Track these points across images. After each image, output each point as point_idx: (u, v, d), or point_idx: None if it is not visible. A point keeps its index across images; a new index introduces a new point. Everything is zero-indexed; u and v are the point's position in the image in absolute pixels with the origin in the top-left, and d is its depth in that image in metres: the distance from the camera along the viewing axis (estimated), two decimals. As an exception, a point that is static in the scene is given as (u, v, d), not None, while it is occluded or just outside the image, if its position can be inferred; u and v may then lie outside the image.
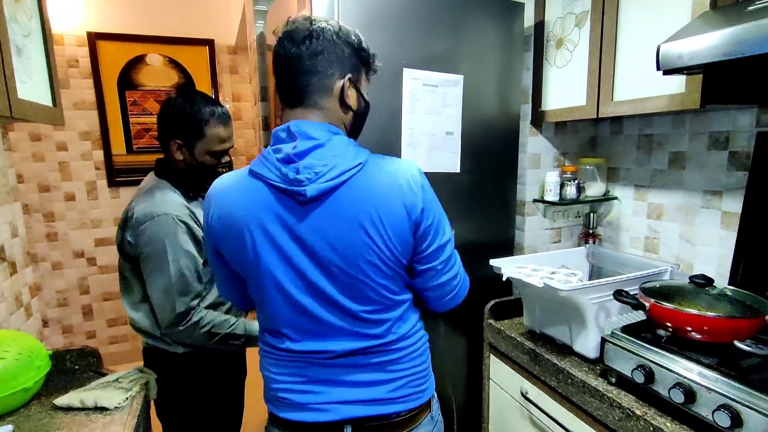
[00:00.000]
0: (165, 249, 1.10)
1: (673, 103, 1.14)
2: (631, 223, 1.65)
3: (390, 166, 0.83)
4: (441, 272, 0.89)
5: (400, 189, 0.80)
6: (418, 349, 0.92)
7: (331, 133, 0.82)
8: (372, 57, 0.90)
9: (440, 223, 0.86)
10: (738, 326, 0.93)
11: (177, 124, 1.16)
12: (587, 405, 1.10)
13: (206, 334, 1.16)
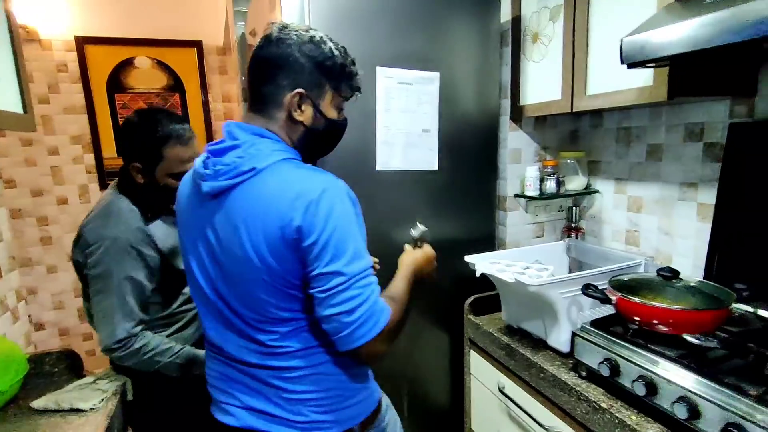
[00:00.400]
0: (111, 274, 1.07)
1: (642, 95, 1.13)
2: (612, 217, 1.65)
3: (289, 176, 0.78)
4: (323, 302, 0.77)
5: (281, 202, 0.75)
6: (317, 374, 0.84)
7: (256, 135, 0.82)
8: (347, 74, 0.87)
9: (327, 249, 0.75)
10: (701, 318, 0.93)
11: (134, 148, 1.12)
12: (558, 399, 1.11)
13: (147, 361, 1.12)
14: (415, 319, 1.56)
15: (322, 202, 0.75)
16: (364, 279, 0.78)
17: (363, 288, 0.77)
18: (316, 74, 0.84)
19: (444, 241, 1.52)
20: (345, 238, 0.76)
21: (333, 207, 0.76)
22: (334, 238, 0.75)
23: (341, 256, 0.76)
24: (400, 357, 1.56)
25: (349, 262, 0.76)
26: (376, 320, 0.78)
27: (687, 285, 1.03)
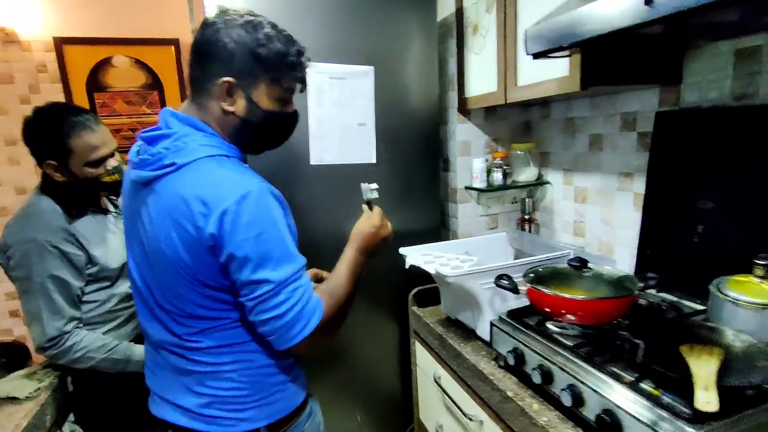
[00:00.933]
0: (32, 275, 1.08)
1: (561, 86, 1.13)
2: (561, 207, 1.65)
3: (207, 179, 0.75)
4: (253, 310, 0.77)
5: (195, 205, 0.73)
6: (227, 371, 0.84)
7: (188, 126, 0.80)
8: (287, 64, 0.82)
9: (251, 258, 0.74)
10: (604, 307, 0.94)
11: (41, 146, 1.11)
12: (478, 388, 1.13)
13: (81, 358, 1.13)
14: (367, 311, 1.58)
15: (241, 210, 0.73)
16: (293, 283, 0.77)
17: (292, 292, 0.76)
18: (248, 62, 0.79)
19: (388, 234, 1.54)
20: (269, 245, 0.75)
21: (253, 214, 0.73)
22: (257, 247, 0.74)
23: (266, 264, 0.74)
24: (352, 348, 1.59)
25: (275, 268, 0.75)
26: (307, 321, 0.78)
27: (597, 274, 1.03)
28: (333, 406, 1.60)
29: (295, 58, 0.83)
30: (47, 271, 1.09)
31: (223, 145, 0.83)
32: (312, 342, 0.79)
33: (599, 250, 1.48)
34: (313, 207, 1.41)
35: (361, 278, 0.93)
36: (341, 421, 1.62)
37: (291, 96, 0.88)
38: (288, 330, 0.77)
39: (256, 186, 0.76)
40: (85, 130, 1.11)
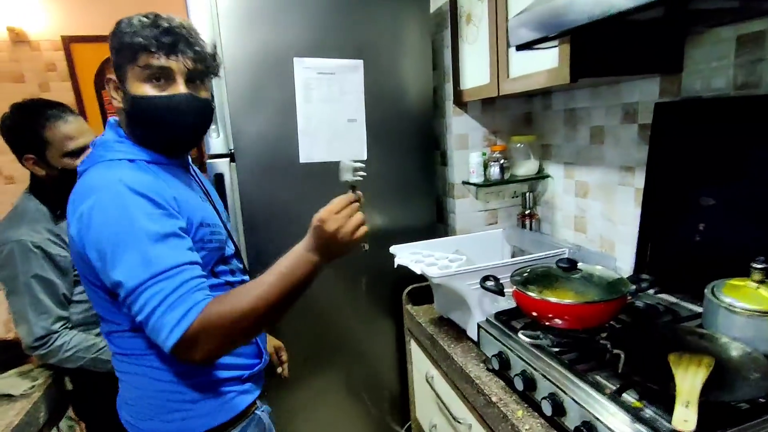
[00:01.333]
0: (17, 276, 1.11)
1: (550, 78, 1.08)
2: (563, 202, 1.59)
3: (83, 181, 0.78)
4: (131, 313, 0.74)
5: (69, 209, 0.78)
6: (129, 381, 0.88)
7: (111, 132, 0.85)
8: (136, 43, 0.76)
9: (106, 260, 0.72)
10: (592, 311, 0.90)
11: (17, 142, 1.14)
12: (465, 391, 1.10)
13: (71, 357, 1.15)
14: (367, 306, 1.57)
15: (94, 209, 0.72)
16: (150, 288, 0.70)
17: (150, 297, 0.70)
18: (115, 55, 0.80)
19: (382, 232, 1.52)
20: (121, 247, 0.71)
21: (105, 215, 0.72)
22: (110, 249, 0.71)
23: (118, 267, 0.71)
24: (351, 343, 1.58)
25: (128, 272, 0.70)
26: (167, 331, 0.70)
27: (587, 276, 0.99)
28: (331, 401, 1.60)
29: (145, 31, 0.77)
30: (31, 271, 1.11)
31: (136, 148, 0.83)
32: (182, 352, 0.71)
33: (601, 247, 1.43)
34: (303, 206, 1.38)
35: (306, 282, 0.78)
36: (340, 415, 1.62)
37: (161, 75, 0.80)
38: (156, 336, 0.71)
39: (114, 186, 0.73)
40: (59, 120, 1.13)
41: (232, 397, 0.91)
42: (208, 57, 0.84)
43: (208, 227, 0.87)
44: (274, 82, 1.29)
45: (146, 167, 0.82)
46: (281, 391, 1.50)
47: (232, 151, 1.28)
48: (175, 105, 0.81)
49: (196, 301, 0.71)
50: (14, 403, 1.12)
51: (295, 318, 1.44)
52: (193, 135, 0.88)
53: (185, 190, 0.88)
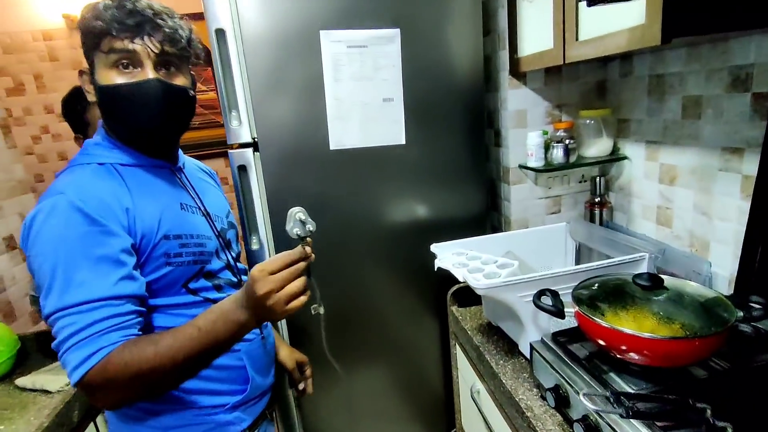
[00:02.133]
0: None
1: (633, 39, 0.83)
2: (642, 189, 1.33)
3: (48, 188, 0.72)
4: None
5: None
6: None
7: (97, 134, 0.81)
8: (98, 27, 0.70)
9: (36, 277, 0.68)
10: (681, 349, 0.69)
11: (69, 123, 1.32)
12: (514, 420, 0.94)
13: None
14: (410, 306, 1.43)
15: (33, 224, 0.68)
16: (63, 318, 0.65)
17: (60, 328, 0.65)
18: (83, 43, 0.74)
19: (421, 225, 1.36)
20: (48, 267, 0.66)
21: (38, 232, 0.67)
22: (37, 267, 0.67)
23: (42, 288, 0.66)
24: (395, 341, 1.47)
25: (46, 296, 0.66)
26: (69, 369, 0.65)
27: (675, 296, 0.77)
28: (372, 401, 1.50)
29: (107, 13, 0.70)
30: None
31: (110, 150, 0.78)
32: (89, 396, 0.67)
33: (690, 246, 1.17)
34: (335, 197, 1.26)
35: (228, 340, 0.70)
36: (382, 416, 1.53)
37: (128, 61, 0.73)
38: (65, 368, 0.66)
39: (57, 199, 0.68)
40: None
41: (210, 428, 0.83)
42: (181, 39, 0.74)
43: (177, 239, 0.77)
44: (300, 60, 1.15)
45: (112, 172, 0.75)
46: (320, 390, 1.42)
47: (256, 139, 1.17)
48: (143, 92, 0.73)
49: (103, 345, 0.65)
50: (49, 399, 1.12)
51: (337, 314, 1.35)
52: (165, 125, 0.78)
53: (156, 198, 0.78)
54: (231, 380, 0.87)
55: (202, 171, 1.01)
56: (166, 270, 0.76)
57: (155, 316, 0.78)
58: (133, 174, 0.78)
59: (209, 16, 1.09)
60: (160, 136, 0.80)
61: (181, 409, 0.81)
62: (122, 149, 0.78)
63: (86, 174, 0.74)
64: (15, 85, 2.77)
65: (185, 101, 0.80)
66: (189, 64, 0.82)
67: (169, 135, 0.83)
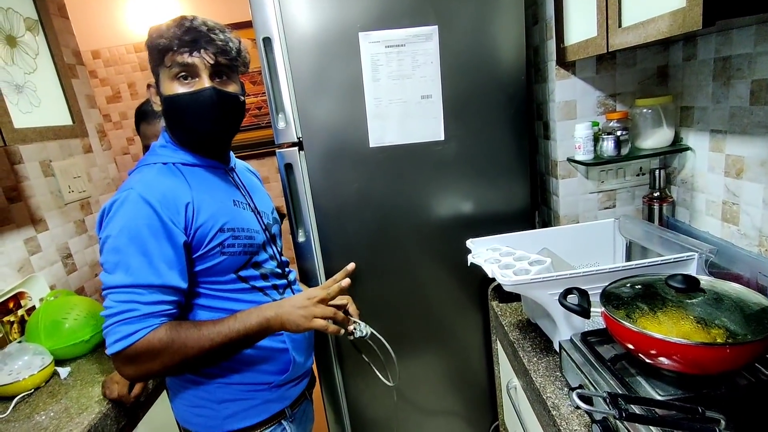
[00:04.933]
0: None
1: (674, 23, 0.78)
2: (706, 182, 1.22)
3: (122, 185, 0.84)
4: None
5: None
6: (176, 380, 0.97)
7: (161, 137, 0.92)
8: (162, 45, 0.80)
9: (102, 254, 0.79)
10: (716, 356, 0.65)
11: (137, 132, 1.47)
12: (541, 418, 0.93)
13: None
14: (455, 299, 1.45)
15: (107, 211, 0.79)
16: (121, 294, 0.76)
17: (116, 302, 0.76)
18: (150, 60, 0.86)
19: (462, 221, 1.36)
20: (114, 248, 0.77)
21: (113, 216, 0.78)
22: (105, 246, 0.78)
23: (106, 264, 0.78)
24: (438, 337, 1.49)
25: (110, 272, 0.77)
26: (113, 339, 0.75)
27: (712, 299, 0.72)
28: (414, 391, 1.55)
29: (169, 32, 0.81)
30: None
31: (175, 151, 0.88)
32: (116, 363, 0.78)
33: (759, 246, 1.06)
34: (375, 192, 1.31)
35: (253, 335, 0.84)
36: (424, 406, 1.57)
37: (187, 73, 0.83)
38: (105, 338, 0.77)
39: (130, 193, 0.78)
40: (144, 120, 1.37)
41: (257, 404, 0.91)
42: (231, 51, 0.82)
43: (230, 232, 0.86)
44: (340, 62, 1.20)
45: (175, 171, 0.84)
46: (360, 379, 1.49)
47: (300, 139, 1.24)
48: (200, 99, 0.82)
49: (150, 324, 0.76)
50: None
51: (381, 306, 1.40)
52: (219, 128, 0.87)
53: (213, 195, 0.88)
54: (275, 361, 0.95)
55: (249, 171, 1.10)
56: (220, 258, 0.87)
57: (210, 300, 0.89)
58: (193, 172, 0.88)
59: (257, 26, 1.18)
60: (216, 137, 0.90)
61: (231, 383, 0.91)
62: (183, 151, 0.89)
63: (153, 172, 0.85)
64: (113, 94, 3.15)
65: (236, 106, 0.89)
66: (238, 73, 0.91)
67: (223, 136, 0.92)
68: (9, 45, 1.15)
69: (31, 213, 1.48)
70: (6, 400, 1.12)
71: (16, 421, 1.05)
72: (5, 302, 1.33)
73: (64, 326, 1.31)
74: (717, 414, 0.54)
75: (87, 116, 1.72)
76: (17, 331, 1.36)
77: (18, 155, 1.45)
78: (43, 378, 1.18)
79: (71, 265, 1.64)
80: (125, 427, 1.12)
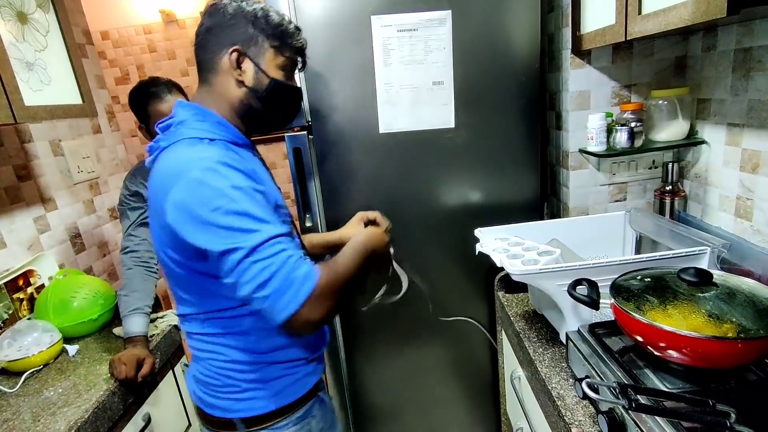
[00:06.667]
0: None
1: (697, 11, 0.76)
2: (721, 177, 1.20)
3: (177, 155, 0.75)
4: (236, 285, 0.72)
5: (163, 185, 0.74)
6: (203, 356, 0.89)
7: (190, 112, 0.81)
8: (286, 32, 0.83)
9: (215, 229, 0.70)
10: (725, 350, 0.64)
11: (134, 112, 1.29)
12: (545, 408, 0.93)
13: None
14: (462, 289, 1.45)
15: (191, 192, 0.71)
16: (269, 248, 0.70)
17: (270, 257, 0.69)
18: (251, 29, 0.81)
19: (470, 209, 1.35)
20: (230, 216, 0.70)
21: (204, 192, 0.70)
22: (219, 216, 0.69)
23: (232, 231, 0.69)
24: (445, 327, 1.50)
25: (243, 236, 0.69)
26: (297, 288, 0.69)
27: (725, 294, 0.71)
28: (420, 381, 1.56)
29: (292, 28, 0.83)
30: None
31: (217, 127, 0.81)
32: (304, 314, 0.70)
33: (772, 243, 1.05)
34: (384, 179, 1.30)
35: (365, 276, 0.85)
36: (429, 395, 1.58)
37: (293, 70, 0.87)
38: (276, 301, 0.69)
39: (205, 162, 0.71)
40: (156, 99, 1.24)
41: (298, 378, 0.92)
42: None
43: (281, 209, 0.85)
44: (351, 46, 1.19)
45: (228, 146, 0.80)
46: (367, 366, 1.50)
47: (310, 123, 1.24)
48: (298, 96, 0.90)
49: (310, 266, 0.72)
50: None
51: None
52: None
53: (262, 172, 0.88)
54: (313, 335, 0.96)
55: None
56: None
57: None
58: (238, 151, 0.84)
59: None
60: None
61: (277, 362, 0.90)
62: (235, 129, 0.84)
63: (212, 146, 0.78)
64: (122, 75, 3.14)
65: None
66: None
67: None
68: (20, 21, 1.14)
69: (40, 192, 1.49)
70: (15, 376, 1.13)
71: (26, 396, 1.07)
72: (15, 279, 1.35)
73: (73, 305, 1.33)
74: (727, 407, 0.54)
75: (96, 96, 1.72)
76: (26, 308, 1.38)
77: (28, 134, 1.46)
78: (52, 355, 1.20)
79: (80, 245, 1.65)
80: (132, 404, 1.13)
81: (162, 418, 1.26)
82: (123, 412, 1.09)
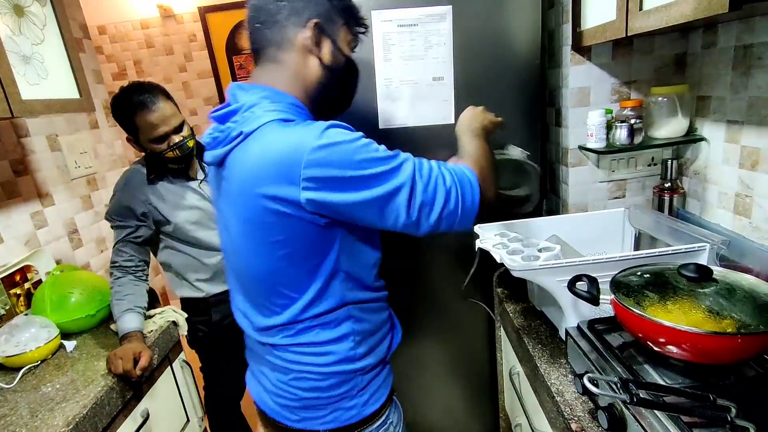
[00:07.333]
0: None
1: (700, 6, 0.75)
2: (720, 174, 1.20)
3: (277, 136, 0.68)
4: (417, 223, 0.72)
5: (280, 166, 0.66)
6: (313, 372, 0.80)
7: (256, 95, 0.73)
8: (353, 8, 0.80)
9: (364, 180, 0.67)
10: (725, 345, 0.65)
11: (120, 123, 1.22)
12: (545, 405, 0.94)
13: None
14: (459, 288, 1.44)
15: (328, 160, 0.66)
16: (420, 171, 0.71)
17: (429, 178, 0.71)
18: (328, 5, 0.76)
19: (472, 204, 1.35)
20: (374, 163, 0.68)
21: (339, 155, 0.66)
22: (364, 167, 0.67)
23: (385, 178, 0.68)
24: (442, 324, 1.50)
25: (396, 173, 0.69)
26: (468, 181, 0.75)
27: (724, 290, 0.71)
28: (420, 377, 1.56)
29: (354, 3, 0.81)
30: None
31: (291, 109, 0.74)
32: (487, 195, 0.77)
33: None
34: (384, 175, 1.30)
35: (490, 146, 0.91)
36: (428, 392, 1.58)
37: (355, 45, 0.85)
38: (464, 206, 0.74)
39: (317, 130, 0.67)
40: (144, 109, 1.17)
41: (383, 379, 0.88)
42: None
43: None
44: (351, 40, 1.18)
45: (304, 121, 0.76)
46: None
47: (309, 119, 1.23)
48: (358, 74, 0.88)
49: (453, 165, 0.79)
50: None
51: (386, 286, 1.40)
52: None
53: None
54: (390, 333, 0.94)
55: None
56: None
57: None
58: None
59: (268, 1, 1.15)
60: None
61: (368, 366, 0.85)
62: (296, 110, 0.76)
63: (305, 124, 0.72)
64: (119, 71, 3.12)
65: None
66: None
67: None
68: (16, 14, 1.13)
69: (37, 187, 1.48)
70: (13, 371, 1.13)
71: (23, 391, 1.06)
72: (12, 275, 1.34)
73: (70, 300, 1.32)
74: (728, 402, 0.54)
75: (93, 91, 1.70)
76: (23, 304, 1.37)
77: (25, 128, 1.45)
78: (50, 350, 1.19)
79: (77, 241, 1.64)
80: (130, 400, 1.13)
81: (160, 414, 1.26)
82: (121, 407, 1.09)
